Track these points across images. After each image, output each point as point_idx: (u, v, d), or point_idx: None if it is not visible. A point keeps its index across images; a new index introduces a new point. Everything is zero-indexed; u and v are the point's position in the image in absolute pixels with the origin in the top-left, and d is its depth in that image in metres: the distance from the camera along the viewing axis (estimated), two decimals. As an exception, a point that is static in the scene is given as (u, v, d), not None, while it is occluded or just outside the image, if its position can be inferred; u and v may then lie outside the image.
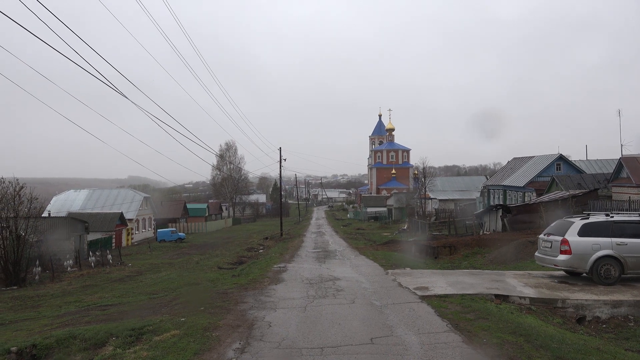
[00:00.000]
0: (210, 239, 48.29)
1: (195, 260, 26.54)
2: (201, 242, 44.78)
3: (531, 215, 25.47)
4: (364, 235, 43.59)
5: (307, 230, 50.78)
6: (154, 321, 8.35)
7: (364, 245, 31.20)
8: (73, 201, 48.81)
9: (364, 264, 17.49)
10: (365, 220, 71.60)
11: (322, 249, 26.64)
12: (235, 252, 29.73)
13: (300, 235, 42.73)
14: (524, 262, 15.66)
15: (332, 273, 14.66)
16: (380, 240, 36.27)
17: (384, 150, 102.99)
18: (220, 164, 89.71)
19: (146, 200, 53.41)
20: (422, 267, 16.64)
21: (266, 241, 39.06)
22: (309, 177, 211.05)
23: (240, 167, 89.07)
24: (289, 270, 15.91)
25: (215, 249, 34.31)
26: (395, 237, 38.70)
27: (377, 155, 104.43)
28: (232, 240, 43.48)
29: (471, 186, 63.87)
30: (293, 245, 30.88)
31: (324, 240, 35.33)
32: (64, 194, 51.13)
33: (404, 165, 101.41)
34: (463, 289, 10.58)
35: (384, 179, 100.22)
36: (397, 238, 36.94)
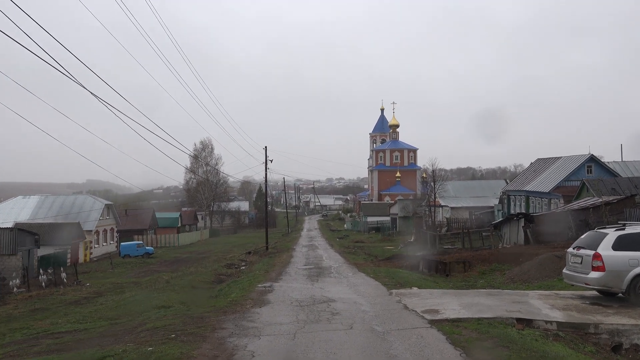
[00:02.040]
0: (183, 254, 48.11)
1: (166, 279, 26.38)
2: (172, 258, 44.61)
3: (558, 226, 25.53)
4: (364, 249, 43.60)
5: (297, 243, 50.71)
6: (116, 351, 8.28)
7: (364, 260, 31.20)
8: (21, 209, 48.47)
9: (364, 283, 17.53)
10: (365, 232, 71.69)
11: (315, 266, 26.63)
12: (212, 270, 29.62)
13: (289, 249, 42.62)
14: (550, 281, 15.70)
15: (327, 294, 14.69)
16: (383, 255, 36.24)
17: (387, 149, 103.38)
18: (195, 166, 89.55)
19: (108, 208, 53.14)
20: (432, 287, 16.64)
21: (249, 256, 38.98)
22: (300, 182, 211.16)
23: (218, 169, 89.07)
24: (275, 290, 15.92)
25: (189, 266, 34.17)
26: (400, 251, 38.73)
27: (379, 155, 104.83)
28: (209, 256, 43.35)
29: (488, 192, 64.26)
30: (281, 260, 30.86)
31: (317, 255, 35.37)
32: (10, 201, 50.79)
33: (410, 168, 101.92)
34: (479, 311, 10.57)
35: (387, 183, 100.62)
36: (402, 252, 36.95)
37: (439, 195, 55.52)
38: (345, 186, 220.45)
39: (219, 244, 62.31)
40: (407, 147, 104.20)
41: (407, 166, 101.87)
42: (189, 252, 50.19)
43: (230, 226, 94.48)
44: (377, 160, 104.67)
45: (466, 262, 21.99)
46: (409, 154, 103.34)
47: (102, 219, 50.40)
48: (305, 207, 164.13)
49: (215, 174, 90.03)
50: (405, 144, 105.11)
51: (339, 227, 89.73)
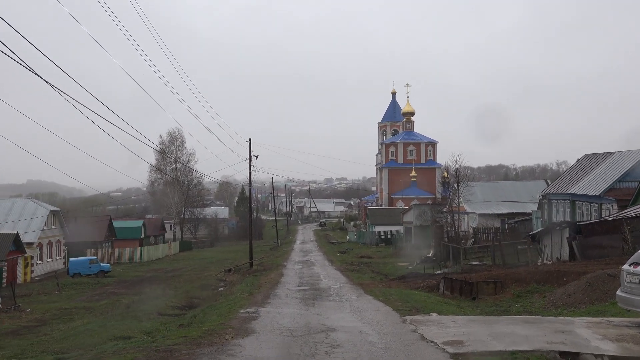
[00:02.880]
0: (147, 272, 48.11)
1: (126, 303, 26.39)
2: (134, 277, 44.60)
3: (611, 237, 25.46)
4: (371, 265, 43.71)
5: (288, 258, 50.83)
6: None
7: (371, 280, 31.35)
8: (-55, 217, 48.36)
9: (371, 308, 17.59)
10: (372, 245, 71.82)
11: (311, 286, 26.73)
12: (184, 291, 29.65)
13: (279, 265, 42.77)
14: (600, 305, 15.76)
15: (325, 321, 14.71)
16: (395, 274, 36.30)
17: (400, 143, 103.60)
18: (162, 163, 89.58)
19: (54, 215, 52.91)
20: (455, 312, 16.69)
21: (229, 275, 39.02)
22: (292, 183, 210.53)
23: (190, 166, 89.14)
24: (262, 317, 15.97)
25: (154, 287, 34.15)
26: (415, 269, 38.80)
27: (390, 150, 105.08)
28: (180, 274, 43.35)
29: (524, 195, 64.32)
30: (268, 280, 30.94)
31: (313, 273, 35.49)
32: None
33: (428, 165, 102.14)
34: (514, 343, 10.58)
35: (400, 184, 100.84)
36: (418, 270, 37.03)
37: (463, 199, 55.56)
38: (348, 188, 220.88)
39: (191, 259, 62.28)
40: (425, 139, 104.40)
41: (424, 163, 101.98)
42: (154, 270, 50.17)
43: (206, 237, 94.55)
44: (388, 156, 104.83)
45: (497, 282, 22.03)
46: (427, 148, 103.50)
47: (46, 229, 50.15)
48: (298, 213, 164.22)
49: (187, 172, 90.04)
50: (422, 136, 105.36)
51: (340, 238, 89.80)
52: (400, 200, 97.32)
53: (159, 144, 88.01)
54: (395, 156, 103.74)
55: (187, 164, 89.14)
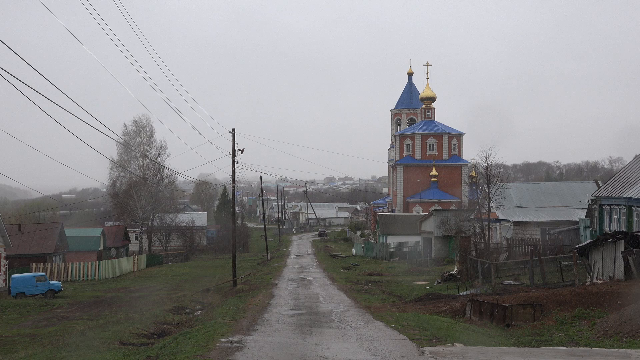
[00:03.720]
0: (107, 292, 48.04)
1: (80, 330, 26.28)
2: (91, 298, 44.50)
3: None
4: (382, 284, 43.71)
5: (280, 276, 50.81)
6: None
7: (382, 302, 31.35)
8: None
9: (381, 337, 17.60)
10: (383, 259, 71.84)
11: (308, 310, 26.75)
12: (151, 316, 29.59)
13: (270, 284, 42.69)
14: (663, 334, 15.81)
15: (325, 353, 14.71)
16: (411, 294, 36.27)
17: (418, 134, 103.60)
18: (126, 159, 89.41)
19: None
20: (485, 342, 16.75)
21: (208, 296, 38.98)
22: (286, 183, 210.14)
23: (161, 162, 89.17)
24: (247, 347, 15.93)
25: (116, 310, 34.08)
26: (436, 289, 38.74)
27: (405, 143, 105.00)
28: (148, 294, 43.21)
29: (570, 199, 64.25)
30: (256, 302, 30.85)
31: (311, 293, 35.47)
32: None
33: (452, 162, 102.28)
34: (557, 381, 10.64)
35: (417, 185, 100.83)
36: (440, 290, 36.99)
37: (495, 204, 55.43)
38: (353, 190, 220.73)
39: (162, 276, 62.02)
40: (449, 130, 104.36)
41: (447, 160, 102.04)
42: (115, 289, 50.06)
43: (180, 250, 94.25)
44: (403, 150, 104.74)
45: (536, 305, 22.04)
46: (451, 141, 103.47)
47: (-18, 239, 50.31)
48: (293, 220, 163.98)
49: (156, 170, 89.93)
50: (445, 127, 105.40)
51: (344, 251, 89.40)
52: (417, 205, 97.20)
53: (122, 134, 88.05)
54: (411, 151, 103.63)
55: (156, 159, 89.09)
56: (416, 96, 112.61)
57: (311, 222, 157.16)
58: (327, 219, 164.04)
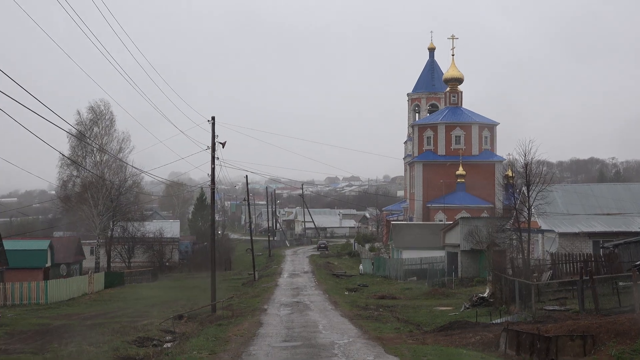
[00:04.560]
0: (56, 319, 47.85)
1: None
2: (36, 326, 44.28)
3: None
4: (396, 310, 43.65)
5: (270, 299, 50.86)
6: None
7: (395, 332, 31.30)
8: None
9: (396, 376, 17.62)
10: (398, 279, 71.96)
11: (304, 341, 26.79)
12: (111, 349, 29.49)
13: (257, 310, 42.65)
14: None
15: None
16: (432, 323, 36.27)
17: (441, 124, 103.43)
18: (79, 154, 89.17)
19: None
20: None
21: (181, 323, 38.87)
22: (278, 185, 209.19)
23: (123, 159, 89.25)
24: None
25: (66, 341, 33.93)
26: (463, 316, 38.63)
27: (425, 135, 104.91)
28: (106, 322, 43.10)
29: (629, 204, 63.91)
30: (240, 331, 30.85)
31: (308, 321, 35.45)
32: None
33: (483, 159, 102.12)
34: None
35: (440, 187, 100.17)
36: (468, 317, 36.88)
37: (537, 211, 55.35)
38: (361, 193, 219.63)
39: (123, 299, 61.99)
40: (479, 119, 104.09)
41: (478, 156, 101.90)
42: (66, 316, 49.84)
43: (146, 266, 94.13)
44: (422, 144, 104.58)
45: (587, 336, 21.91)
46: (482, 132, 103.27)
47: None
48: (286, 230, 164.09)
49: (117, 168, 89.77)
50: (475, 115, 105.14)
51: (350, 269, 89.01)
52: (440, 212, 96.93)
53: (75, 123, 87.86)
54: (433, 145, 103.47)
55: (117, 154, 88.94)
56: (439, 77, 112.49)
57: (309, 232, 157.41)
58: (328, 229, 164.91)
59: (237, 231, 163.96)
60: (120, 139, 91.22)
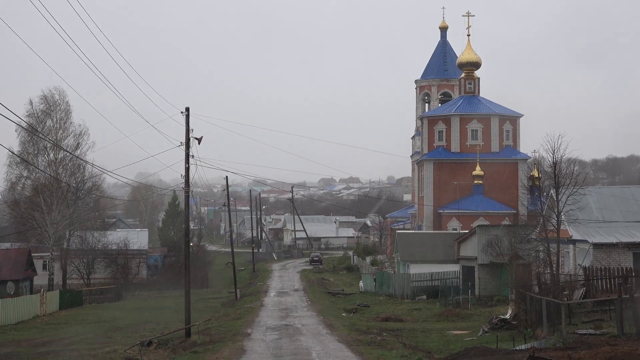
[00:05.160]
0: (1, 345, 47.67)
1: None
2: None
3: None
4: (403, 335, 43.80)
5: (255, 321, 51.02)
6: None
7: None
8: None
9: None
10: (405, 298, 72.23)
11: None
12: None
13: (239, 334, 42.75)
14: None
15: None
16: (445, 349, 36.42)
17: (455, 116, 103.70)
18: (31, 151, 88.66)
19: None
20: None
21: (149, 351, 38.89)
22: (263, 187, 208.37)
23: (81, 157, 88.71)
24: None
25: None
26: (482, 341, 38.73)
27: (437, 129, 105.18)
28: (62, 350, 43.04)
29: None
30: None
31: (299, 348, 35.62)
32: None
33: (504, 157, 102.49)
34: None
35: (454, 190, 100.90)
36: (487, 343, 36.90)
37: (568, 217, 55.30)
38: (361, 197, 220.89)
39: (82, 322, 61.84)
40: (500, 110, 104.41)
41: (498, 153, 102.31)
42: (14, 342, 49.66)
43: (109, 283, 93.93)
44: (433, 140, 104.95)
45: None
46: (503, 125, 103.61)
47: None
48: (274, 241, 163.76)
49: (74, 168, 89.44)
50: (495, 105, 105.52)
51: (348, 286, 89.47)
52: (454, 219, 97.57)
53: (25, 115, 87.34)
54: (446, 140, 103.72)
55: (75, 151, 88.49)
56: (452, 61, 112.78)
57: (300, 243, 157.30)
58: (323, 239, 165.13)
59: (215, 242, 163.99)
60: (77, 133, 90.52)
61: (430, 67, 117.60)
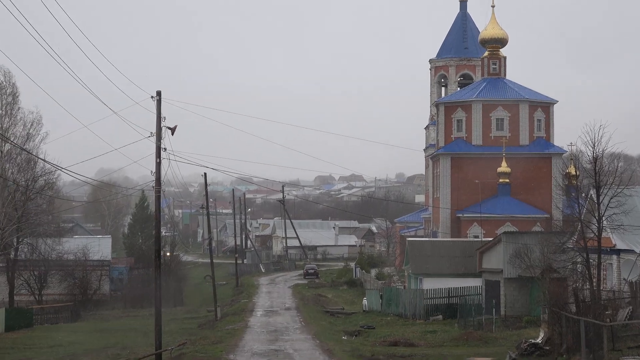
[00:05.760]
0: None
1: None
2: None
3: None
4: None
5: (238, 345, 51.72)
6: None
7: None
8: None
9: None
10: (418, 318, 72.64)
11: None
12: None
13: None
14: None
15: None
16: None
17: (477, 102, 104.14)
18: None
19: None
20: None
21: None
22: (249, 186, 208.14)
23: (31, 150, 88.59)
24: None
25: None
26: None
27: (455, 118, 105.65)
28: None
29: None
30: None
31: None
32: None
33: (536, 151, 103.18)
34: None
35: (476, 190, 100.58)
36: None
37: (611, 223, 55.12)
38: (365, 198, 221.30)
39: (32, 347, 61.88)
40: (530, 96, 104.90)
41: (527, 147, 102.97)
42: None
43: (65, 300, 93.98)
44: (450, 130, 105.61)
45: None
46: (534, 114, 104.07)
47: None
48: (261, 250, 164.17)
49: (24, 163, 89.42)
50: (524, 89, 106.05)
51: (350, 304, 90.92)
52: (475, 225, 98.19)
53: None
54: (466, 131, 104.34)
55: (24, 144, 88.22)
56: (473, 37, 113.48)
57: (292, 253, 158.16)
58: (319, 248, 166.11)
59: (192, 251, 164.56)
60: (27, 123, 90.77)
61: (447, 44, 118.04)
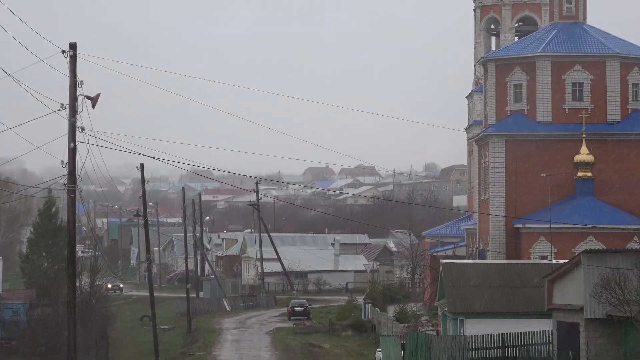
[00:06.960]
0: None
1: None
2: None
3: None
4: None
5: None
6: None
7: None
8: None
9: None
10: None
11: None
12: None
13: None
14: None
15: None
16: None
17: (544, 57, 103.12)
18: None
19: None
20: None
21: None
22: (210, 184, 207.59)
23: None
24: None
25: None
26: None
27: (510, 81, 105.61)
28: None
29: None
30: None
31: None
32: None
33: (631, 132, 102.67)
34: None
35: (542, 188, 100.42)
36: None
37: None
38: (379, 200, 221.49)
39: None
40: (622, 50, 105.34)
41: (618, 125, 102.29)
42: None
43: None
44: (504, 101, 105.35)
45: None
46: (627, 76, 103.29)
47: None
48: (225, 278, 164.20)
49: None
50: (614, 39, 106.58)
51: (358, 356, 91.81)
52: (542, 239, 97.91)
53: None
54: (527, 101, 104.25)
55: None
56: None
57: (271, 282, 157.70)
58: (311, 275, 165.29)
59: (124, 279, 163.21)
60: None
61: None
